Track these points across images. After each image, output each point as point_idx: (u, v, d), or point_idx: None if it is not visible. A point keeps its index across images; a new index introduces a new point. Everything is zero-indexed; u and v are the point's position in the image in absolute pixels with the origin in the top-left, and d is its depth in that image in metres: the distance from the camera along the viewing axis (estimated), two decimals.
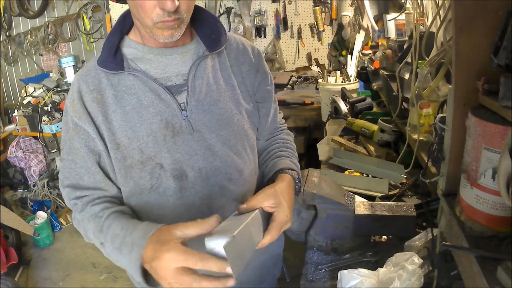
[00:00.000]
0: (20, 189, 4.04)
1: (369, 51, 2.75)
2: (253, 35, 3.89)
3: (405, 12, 2.00)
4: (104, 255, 0.86)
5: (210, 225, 0.70)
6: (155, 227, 0.75)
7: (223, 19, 3.86)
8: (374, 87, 2.36)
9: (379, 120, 1.77)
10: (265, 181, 1.02)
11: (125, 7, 0.85)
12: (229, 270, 0.65)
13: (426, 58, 1.27)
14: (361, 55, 2.80)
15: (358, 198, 1.27)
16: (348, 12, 3.53)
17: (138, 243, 0.74)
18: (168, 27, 0.79)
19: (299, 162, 1.06)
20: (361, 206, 1.20)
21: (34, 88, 3.92)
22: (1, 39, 4.50)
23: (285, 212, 0.85)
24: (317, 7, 3.72)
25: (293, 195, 0.93)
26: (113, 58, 0.86)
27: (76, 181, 0.89)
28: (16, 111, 3.76)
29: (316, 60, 3.84)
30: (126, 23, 0.92)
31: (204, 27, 0.94)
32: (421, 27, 1.47)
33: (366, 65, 2.58)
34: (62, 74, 4.07)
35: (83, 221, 0.88)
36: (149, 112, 0.86)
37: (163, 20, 0.77)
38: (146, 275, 0.74)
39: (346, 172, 1.61)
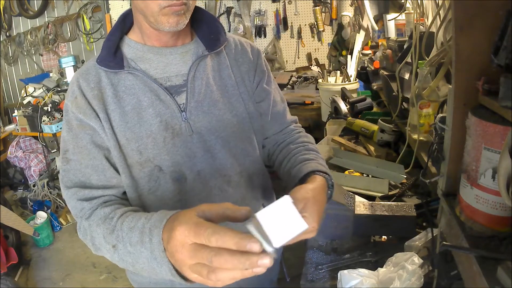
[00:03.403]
0: (20, 189, 4.04)
1: (369, 51, 2.75)
2: (253, 35, 3.89)
3: (405, 12, 2.00)
4: (116, 262, 0.75)
5: (240, 212, 0.59)
6: (176, 210, 0.64)
7: (223, 19, 3.86)
8: (374, 87, 2.36)
9: (379, 120, 1.77)
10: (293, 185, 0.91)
11: (125, 7, 0.85)
12: (253, 247, 0.52)
13: (426, 58, 1.27)
14: (361, 55, 2.80)
15: (358, 198, 1.27)
16: (348, 12, 3.53)
17: (157, 224, 0.63)
18: (175, 12, 0.78)
19: None
20: (361, 206, 1.20)
21: (34, 88, 3.92)
22: (1, 39, 4.50)
23: (311, 223, 0.72)
24: (317, 7, 3.72)
25: (324, 201, 0.82)
26: (113, 57, 0.85)
27: (83, 181, 0.84)
28: (16, 111, 3.75)
29: (316, 60, 3.84)
30: (126, 23, 0.91)
31: (203, 27, 0.94)
32: (421, 27, 1.47)
33: (366, 65, 2.58)
34: (62, 74, 4.07)
35: (90, 227, 0.80)
36: (148, 113, 0.85)
37: (171, 4, 0.77)
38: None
39: (346, 172, 1.61)
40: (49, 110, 3.53)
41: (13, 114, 3.84)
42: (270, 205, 0.56)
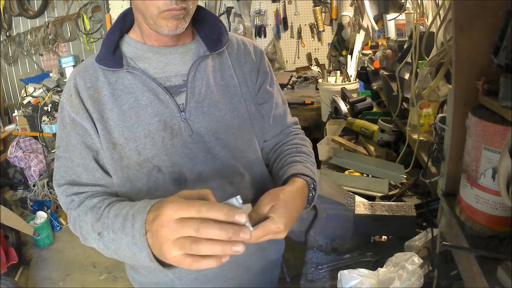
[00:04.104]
0: (20, 189, 4.04)
1: (369, 51, 2.75)
2: (253, 35, 3.89)
3: (405, 12, 2.00)
4: (102, 250, 0.79)
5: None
6: (160, 199, 0.68)
7: (223, 19, 3.86)
8: (374, 87, 2.36)
9: (379, 120, 1.77)
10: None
11: (125, 7, 0.84)
12: (240, 218, 0.56)
13: (426, 58, 1.27)
14: (361, 55, 2.80)
15: (358, 198, 1.27)
16: (348, 12, 3.53)
17: (141, 210, 0.67)
18: (174, 16, 0.78)
19: None
20: (361, 206, 1.20)
21: (34, 88, 3.92)
22: (1, 39, 4.50)
23: (276, 223, 0.72)
24: (317, 7, 3.72)
25: (300, 204, 0.83)
26: (112, 56, 0.85)
27: (73, 179, 0.85)
28: (16, 111, 3.75)
29: (316, 60, 3.84)
30: (126, 22, 0.90)
31: (205, 27, 0.93)
32: (421, 27, 1.47)
33: (366, 65, 2.58)
34: (62, 74, 4.07)
35: (79, 217, 0.82)
36: (147, 112, 0.85)
37: (170, 8, 0.76)
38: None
39: (346, 172, 1.61)
40: (49, 110, 3.53)
41: (13, 114, 3.84)
42: (224, 202, 0.62)
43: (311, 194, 0.89)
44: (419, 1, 1.57)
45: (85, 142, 0.84)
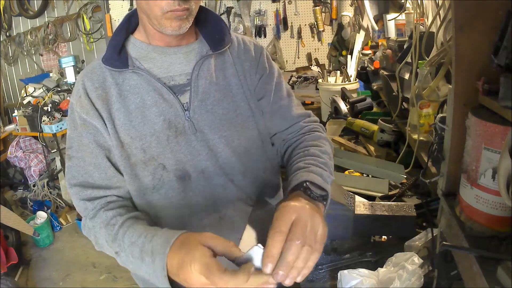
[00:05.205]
0: (20, 189, 4.04)
1: (369, 51, 2.75)
2: (253, 35, 3.89)
3: (405, 12, 2.00)
4: (119, 263, 0.82)
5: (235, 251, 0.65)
6: (177, 233, 0.70)
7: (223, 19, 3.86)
8: (374, 87, 2.36)
9: (379, 120, 1.77)
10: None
11: (125, 7, 0.85)
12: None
13: (426, 58, 1.27)
14: (361, 55, 2.80)
15: (358, 198, 1.27)
16: (348, 12, 3.53)
17: (160, 250, 0.69)
18: (177, 16, 0.79)
19: None
20: (361, 206, 1.20)
21: (34, 88, 3.92)
22: (1, 39, 4.50)
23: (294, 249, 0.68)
24: (317, 7, 3.72)
25: (306, 213, 0.75)
26: (117, 56, 0.87)
27: (85, 179, 0.87)
28: (16, 111, 3.75)
29: (316, 60, 3.84)
30: (131, 23, 0.92)
31: (208, 27, 0.95)
32: (421, 27, 1.47)
33: (366, 65, 2.58)
34: (62, 74, 4.07)
35: (94, 228, 0.84)
36: (152, 112, 0.86)
37: (173, 9, 0.78)
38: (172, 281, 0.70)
39: (346, 172, 1.61)
40: (49, 110, 3.53)
41: (13, 114, 3.84)
42: (247, 252, 0.65)
43: (313, 194, 0.82)
44: (419, 1, 1.57)
45: (97, 141, 0.86)
